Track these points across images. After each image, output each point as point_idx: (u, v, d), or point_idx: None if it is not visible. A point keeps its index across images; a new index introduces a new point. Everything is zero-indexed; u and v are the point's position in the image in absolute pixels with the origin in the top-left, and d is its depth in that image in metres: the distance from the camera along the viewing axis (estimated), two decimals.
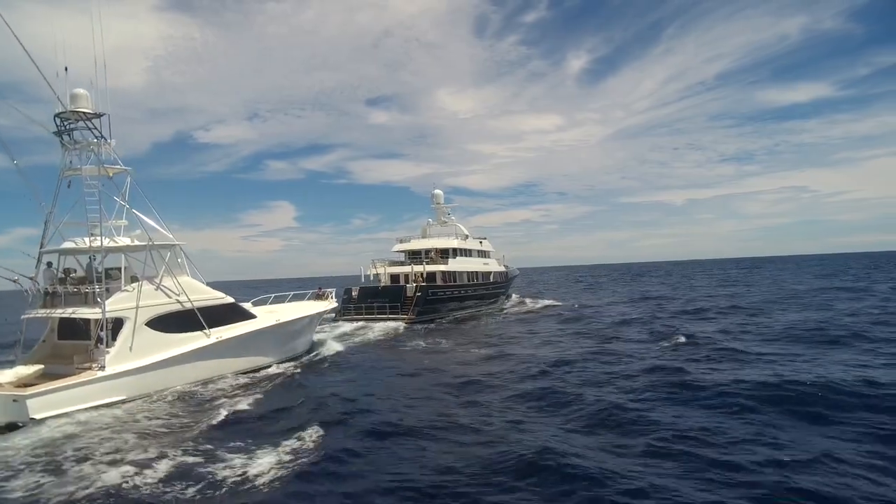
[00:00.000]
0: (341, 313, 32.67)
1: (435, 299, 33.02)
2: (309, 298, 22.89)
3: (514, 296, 50.36)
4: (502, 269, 45.94)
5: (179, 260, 16.12)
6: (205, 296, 16.24)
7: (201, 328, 15.62)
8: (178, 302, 15.33)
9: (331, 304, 22.52)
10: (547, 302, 45.62)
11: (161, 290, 15.08)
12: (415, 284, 32.55)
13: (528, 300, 48.03)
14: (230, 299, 17.09)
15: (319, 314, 21.04)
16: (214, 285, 17.01)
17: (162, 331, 14.68)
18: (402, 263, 37.66)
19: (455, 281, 36.91)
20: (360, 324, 30.36)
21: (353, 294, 33.51)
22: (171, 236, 16.01)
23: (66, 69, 13.98)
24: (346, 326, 30.07)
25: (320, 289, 23.69)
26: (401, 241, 39.85)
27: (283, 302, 21.50)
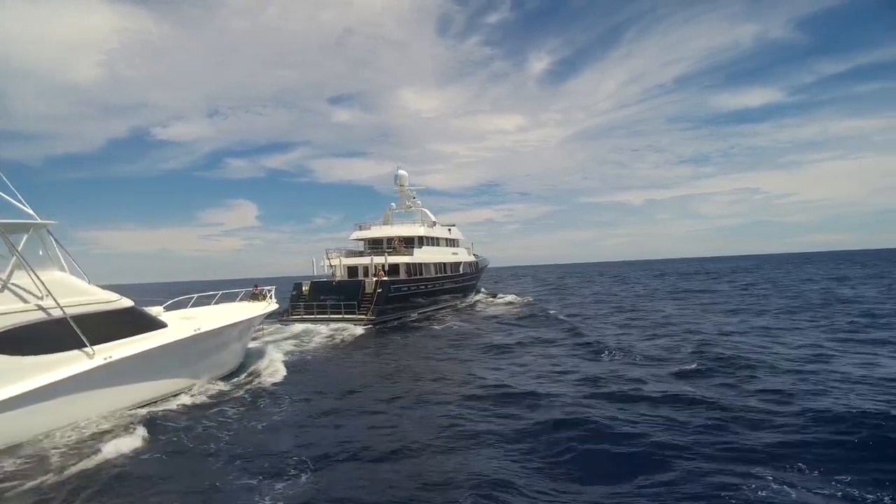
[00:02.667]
0: (290, 312, 28.15)
1: (398, 295, 28.87)
2: (242, 299, 18.40)
3: (482, 289, 46.86)
4: (472, 258, 42.24)
5: (43, 250, 11.40)
6: (85, 298, 11.61)
7: (79, 345, 11.00)
8: (41, 308, 10.66)
9: (270, 305, 18.08)
10: (512, 298, 42.21)
11: (10, 291, 10.40)
12: (375, 279, 28.28)
13: (497, 296, 44.62)
14: (127, 302, 12.48)
15: (254, 320, 16.58)
16: (174, 286, 12.61)
17: (11, 352, 10.04)
18: (360, 254, 33.30)
19: (421, 274, 32.86)
20: (310, 325, 25.96)
21: (304, 290, 28.97)
22: (30, 212, 11.29)
23: None
24: (297, 327, 25.64)
25: (257, 287, 19.21)
26: (360, 229, 35.40)
27: (211, 304, 16.97)
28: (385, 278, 28.62)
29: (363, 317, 26.48)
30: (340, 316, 26.76)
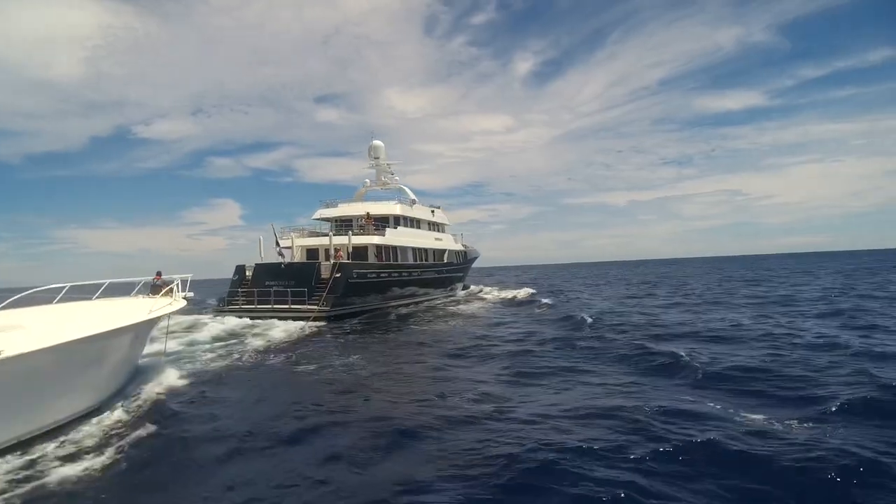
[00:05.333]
0: (226, 302, 22.67)
1: (363, 283, 23.38)
2: (139, 293, 12.70)
3: (470, 285, 41.30)
4: (460, 247, 36.70)
5: None
6: None
7: None
8: None
9: (174, 303, 12.43)
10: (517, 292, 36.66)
11: None
12: (333, 262, 22.81)
13: (486, 289, 39.08)
14: None
15: (140, 327, 10.73)
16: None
17: None
18: (325, 235, 27.83)
19: (396, 259, 27.34)
20: (247, 321, 20.45)
21: (247, 274, 23.51)
22: None
23: None
24: (230, 322, 20.13)
25: (159, 275, 13.60)
26: (326, 206, 29.88)
27: (73, 303, 11.22)
28: (347, 262, 23.15)
29: (314, 307, 21.02)
30: (287, 307, 21.32)
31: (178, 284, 13.21)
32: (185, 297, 13.27)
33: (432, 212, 33.28)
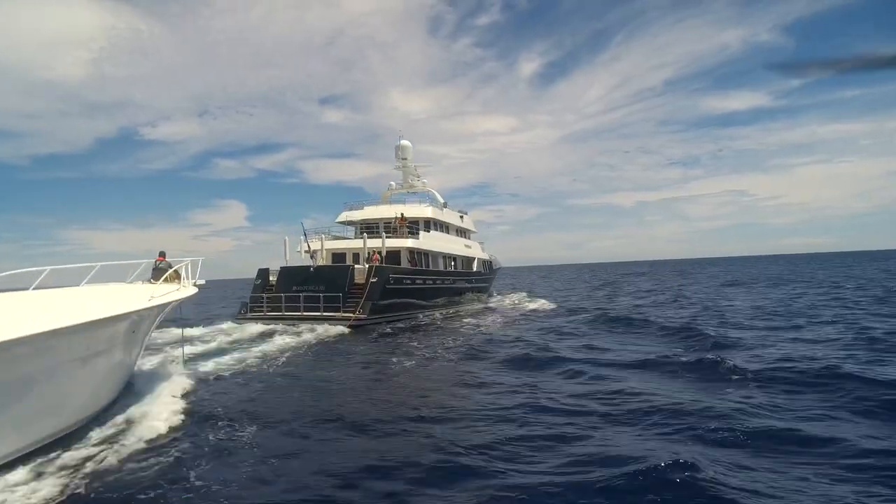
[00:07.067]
0: (248, 309, 20.53)
1: (399, 289, 21.32)
2: (136, 280, 10.55)
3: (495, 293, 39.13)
4: (486, 256, 34.69)
5: None
6: None
7: None
8: None
9: (183, 289, 10.33)
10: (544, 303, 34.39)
11: None
12: (368, 266, 20.75)
13: (513, 297, 36.92)
14: None
15: (140, 316, 8.55)
16: None
17: None
18: (348, 239, 25.81)
19: (428, 265, 25.30)
20: (276, 325, 18.38)
21: (270, 278, 21.41)
22: None
23: None
24: (254, 328, 18.07)
25: (163, 256, 11.52)
26: (350, 209, 27.89)
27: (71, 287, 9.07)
28: (382, 265, 21.09)
29: (350, 315, 18.92)
30: (318, 314, 19.20)
31: (187, 268, 11.06)
32: (195, 284, 11.15)
33: (461, 217, 31.31)
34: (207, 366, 11.81)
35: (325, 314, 19.12)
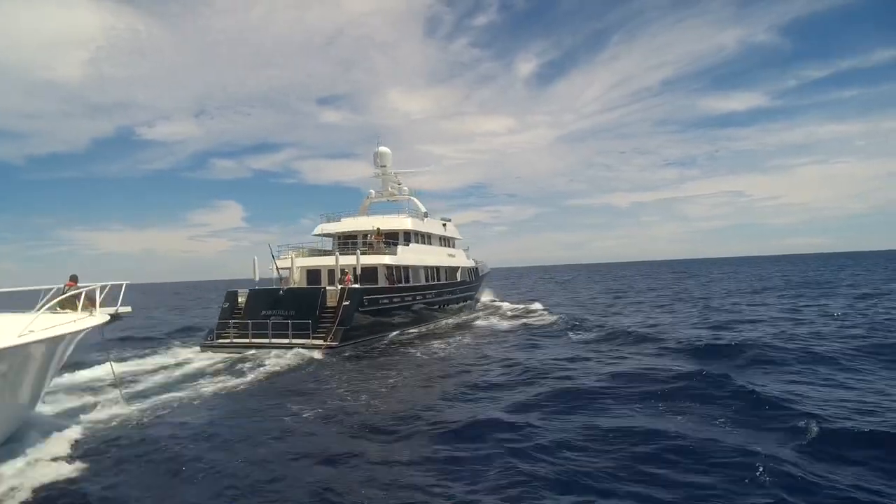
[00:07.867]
0: (215, 335, 19.44)
1: (373, 310, 20.29)
2: (43, 308, 9.37)
3: (483, 297, 38.14)
4: (471, 263, 33.67)
5: None
6: None
7: None
8: None
9: (85, 319, 9.20)
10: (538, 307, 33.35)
11: None
12: (341, 287, 19.68)
13: (506, 304, 35.92)
14: None
15: (27, 352, 7.56)
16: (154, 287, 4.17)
17: None
18: (327, 254, 24.70)
19: (407, 280, 24.28)
20: (238, 354, 17.34)
21: (239, 300, 20.31)
22: None
23: None
24: (215, 357, 17.13)
25: (74, 281, 10.28)
26: (327, 221, 26.78)
27: None
28: (355, 286, 20.03)
29: (320, 342, 17.89)
30: (287, 340, 18.15)
31: (98, 293, 9.87)
32: (112, 313, 10.01)
33: (444, 225, 30.24)
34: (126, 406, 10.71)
35: (294, 341, 18.07)
